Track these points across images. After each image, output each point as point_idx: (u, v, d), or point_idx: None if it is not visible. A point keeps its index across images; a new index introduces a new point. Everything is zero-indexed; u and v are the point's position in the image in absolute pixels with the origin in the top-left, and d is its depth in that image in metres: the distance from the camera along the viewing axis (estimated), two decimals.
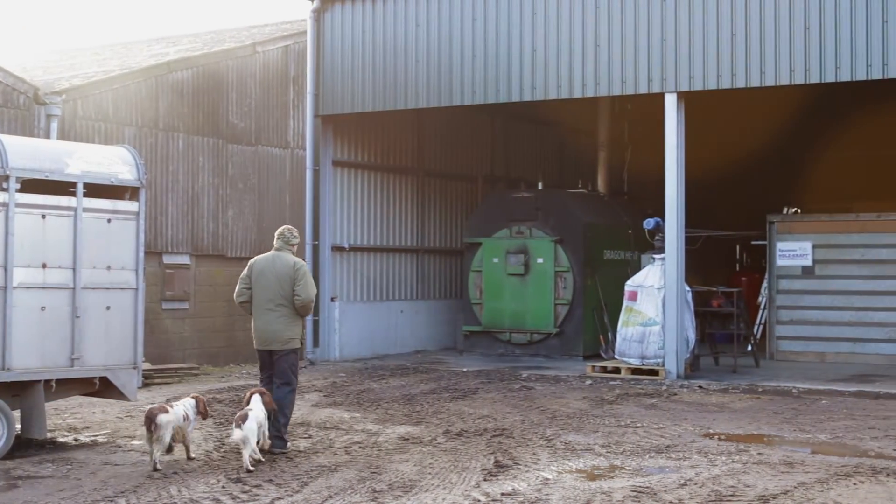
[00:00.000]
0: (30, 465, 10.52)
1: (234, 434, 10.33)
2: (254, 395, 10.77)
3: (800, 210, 23.72)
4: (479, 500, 9.03)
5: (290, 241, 11.46)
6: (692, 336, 17.71)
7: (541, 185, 22.15)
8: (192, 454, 10.78)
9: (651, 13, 17.48)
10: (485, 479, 9.79)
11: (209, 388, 16.22)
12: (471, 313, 21.55)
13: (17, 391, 11.08)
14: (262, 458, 10.50)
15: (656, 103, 17.56)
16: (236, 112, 20.75)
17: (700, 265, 22.61)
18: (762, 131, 26.27)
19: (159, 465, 10.25)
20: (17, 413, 11.14)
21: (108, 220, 11.75)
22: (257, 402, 10.65)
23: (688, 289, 17.75)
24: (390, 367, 19.16)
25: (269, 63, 21.45)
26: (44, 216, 11.23)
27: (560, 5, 18.20)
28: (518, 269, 20.86)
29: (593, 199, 22.30)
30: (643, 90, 17.62)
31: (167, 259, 19.34)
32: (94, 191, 11.64)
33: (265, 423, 10.69)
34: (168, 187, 19.39)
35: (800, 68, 16.44)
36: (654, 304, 17.41)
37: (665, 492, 9.29)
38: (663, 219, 17.52)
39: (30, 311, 11.06)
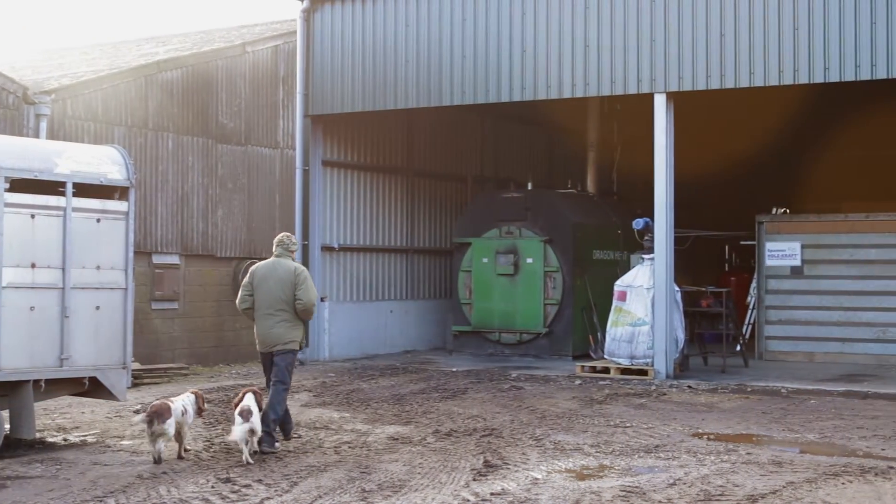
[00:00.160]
0: (19, 465, 10.50)
1: (239, 428, 10.42)
2: (246, 393, 10.84)
3: (789, 210, 23.75)
4: (468, 500, 9.04)
5: (289, 248, 11.73)
6: (681, 336, 17.75)
7: (530, 186, 22.15)
8: (183, 453, 10.80)
9: (640, 14, 17.51)
10: (474, 479, 9.79)
11: (199, 387, 16.13)
12: (460, 313, 21.54)
13: (6, 391, 11.07)
14: (250, 460, 10.55)
15: (646, 104, 17.58)
16: (226, 112, 20.73)
17: (689, 265, 22.67)
18: (751, 132, 26.33)
19: (161, 458, 10.40)
20: (5, 413, 11.12)
21: (98, 220, 11.74)
22: (250, 400, 10.72)
23: (677, 289, 17.79)
24: (380, 367, 19.15)
25: (259, 63, 21.43)
26: (33, 216, 11.21)
27: (550, 6, 18.22)
28: (507, 270, 20.87)
29: (583, 200, 22.31)
30: (633, 90, 17.64)
31: (157, 259, 19.31)
32: (83, 190, 11.63)
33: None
34: (157, 187, 19.36)
35: (789, 69, 16.48)
36: (644, 304, 17.45)
37: (654, 491, 9.31)
38: (652, 219, 17.55)
39: (19, 311, 11.04)
